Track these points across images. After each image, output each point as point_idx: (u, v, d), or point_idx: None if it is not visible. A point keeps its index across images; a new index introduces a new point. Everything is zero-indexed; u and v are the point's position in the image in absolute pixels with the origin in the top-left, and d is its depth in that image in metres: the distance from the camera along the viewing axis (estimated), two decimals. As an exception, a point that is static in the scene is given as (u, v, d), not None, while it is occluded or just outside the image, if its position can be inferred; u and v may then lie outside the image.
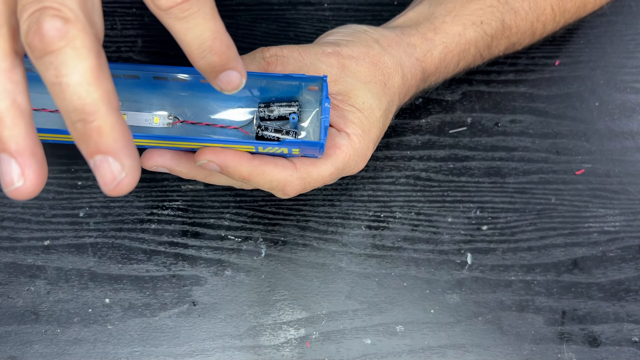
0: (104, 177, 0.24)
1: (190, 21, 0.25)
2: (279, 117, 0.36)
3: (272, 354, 0.40)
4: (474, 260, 0.43)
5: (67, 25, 0.22)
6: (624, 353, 0.41)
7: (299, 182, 0.35)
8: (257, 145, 0.33)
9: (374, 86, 0.38)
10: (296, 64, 0.37)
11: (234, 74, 0.28)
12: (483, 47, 0.44)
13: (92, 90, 0.23)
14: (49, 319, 0.40)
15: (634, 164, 0.47)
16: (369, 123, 0.37)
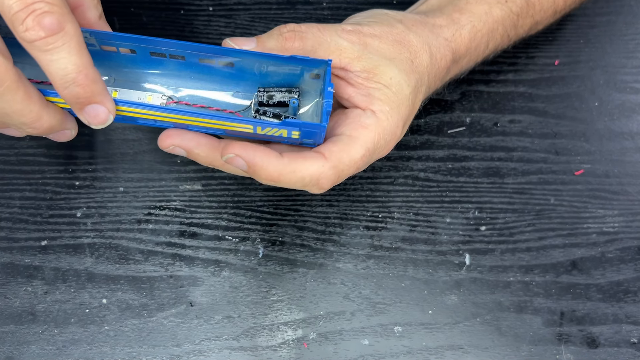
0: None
1: (54, 54, 0.26)
2: (278, 103, 0.35)
3: (269, 354, 0.40)
4: (472, 261, 0.43)
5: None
6: (623, 354, 0.41)
7: (332, 172, 0.33)
8: (256, 125, 0.32)
9: (400, 63, 0.36)
10: (315, 39, 0.35)
11: (101, 108, 0.29)
12: (510, 26, 0.43)
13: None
14: (46, 320, 0.40)
15: (633, 164, 0.47)
16: (398, 100, 0.35)
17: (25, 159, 0.44)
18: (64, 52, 0.26)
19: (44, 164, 0.44)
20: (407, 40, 0.37)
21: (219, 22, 0.51)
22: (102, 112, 0.29)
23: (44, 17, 0.25)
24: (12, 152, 0.45)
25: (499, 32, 0.42)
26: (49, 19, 0.25)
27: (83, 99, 0.28)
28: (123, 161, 0.45)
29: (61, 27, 0.26)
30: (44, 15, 0.25)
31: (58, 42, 0.26)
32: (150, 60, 0.34)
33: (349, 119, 0.35)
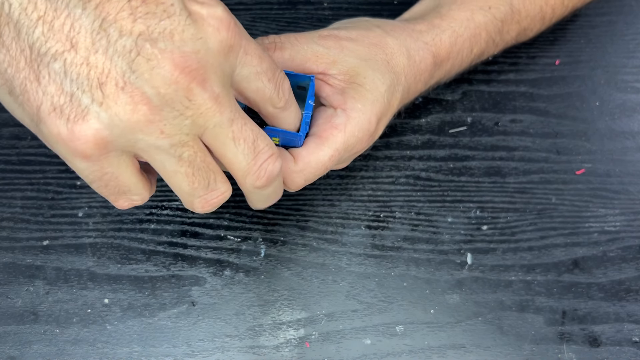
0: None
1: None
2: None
3: (271, 354, 0.40)
4: (474, 260, 0.43)
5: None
6: (625, 353, 0.41)
7: (298, 176, 0.35)
8: None
9: (375, 63, 0.37)
10: (292, 48, 0.36)
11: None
12: (494, 32, 0.43)
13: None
14: (48, 319, 0.40)
15: (634, 163, 0.47)
16: (372, 96, 0.36)
17: (26, 159, 0.44)
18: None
19: (46, 163, 0.44)
20: (384, 42, 0.38)
21: (220, 22, 0.51)
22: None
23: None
24: (14, 152, 0.45)
25: (483, 38, 0.43)
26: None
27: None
28: (125, 161, 0.45)
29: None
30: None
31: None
32: None
33: (321, 119, 0.36)
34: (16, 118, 0.27)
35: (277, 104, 0.30)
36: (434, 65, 0.41)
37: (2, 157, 0.44)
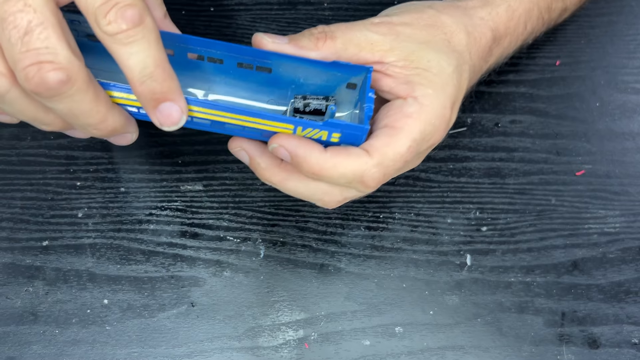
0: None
1: (134, 47, 0.26)
2: (314, 110, 0.34)
3: (270, 355, 0.40)
4: (473, 261, 0.43)
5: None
6: (624, 355, 0.41)
7: (377, 170, 0.32)
8: (297, 124, 0.31)
9: (436, 44, 0.35)
10: (345, 37, 0.34)
11: (174, 107, 0.28)
12: (544, 8, 0.42)
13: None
14: (47, 320, 0.40)
15: (634, 165, 0.47)
16: (441, 80, 0.34)
17: (26, 159, 0.45)
18: (143, 45, 0.26)
19: (45, 164, 0.44)
20: (440, 22, 0.36)
21: (220, 23, 0.51)
22: (176, 112, 0.29)
23: (126, 10, 0.25)
24: (14, 152, 0.45)
25: (535, 14, 0.41)
26: (130, 11, 0.25)
27: (159, 94, 0.28)
28: (124, 161, 0.45)
29: (142, 20, 0.26)
30: (126, 8, 0.25)
31: (138, 35, 0.26)
32: (187, 62, 0.33)
33: (391, 111, 0.34)
34: None
35: (102, 25, 0.25)
36: (494, 41, 0.39)
37: (1, 157, 0.44)
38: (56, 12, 0.26)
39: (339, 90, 0.35)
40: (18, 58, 0.25)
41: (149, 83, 0.27)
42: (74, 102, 0.27)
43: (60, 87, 0.26)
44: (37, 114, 0.28)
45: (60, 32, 0.25)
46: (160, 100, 0.28)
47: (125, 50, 0.26)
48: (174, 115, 0.29)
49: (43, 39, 0.25)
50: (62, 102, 0.27)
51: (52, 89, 0.25)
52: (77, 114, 0.28)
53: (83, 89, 0.27)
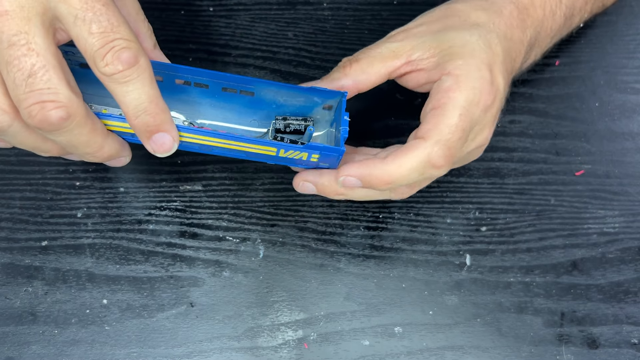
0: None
1: (129, 86, 0.28)
2: (294, 130, 0.37)
3: (269, 355, 0.40)
4: (472, 261, 0.43)
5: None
6: (623, 355, 0.41)
7: (439, 147, 0.33)
8: (280, 147, 0.33)
9: (453, 26, 0.36)
10: (367, 55, 0.37)
11: (166, 137, 0.31)
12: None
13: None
14: (46, 320, 0.40)
15: (634, 165, 0.47)
16: (468, 49, 0.35)
17: (25, 160, 0.44)
18: (138, 84, 0.28)
19: (45, 164, 0.44)
20: (453, 9, 0.37)
21: (220, 23, 0.51)
22: (168, 141, 0.31)
23: (122, 52, 0.27)
24: (13, 152, 0.45)
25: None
26: (126, 54, 0.27)
27: (152, 127, 0.30)
28: (123, 161, 0.45)
29: (137, 61, 0.28)
30: (122, 50, 0.27)
31: (133, 75, 0.28)
32: (174, 87, 0.36)
33: (432, 94, 0.35)
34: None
35: (100, 67, 0.28)
36: (519, 11, 0.38)
37: (0, 157, 0.44)
38: (56, 54, 0.28)
39: (316, 110, 0.38)
40: (22, 98, 0.27)
41: (143, 117, 0.30)
42: (73, 135, 0.29)
43: (61, 123, 0.28)
44: (36, 143, 0.31)
45: (60, 73, 0.27)
46: (153, 132, 0.30)
47: (121, 88, 0.28)
48: (166, 144, 0.31)
49: (45, 81, 0.27)
50: (62, 135, 0.29)
51: (53, 125, 0.27)
52: (76, 145, 0.30)
53: (82, 122, 0.29)
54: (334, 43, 0.51)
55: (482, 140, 0.36)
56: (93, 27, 0.27)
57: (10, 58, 0.26)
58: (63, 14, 0.27)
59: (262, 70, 0.49)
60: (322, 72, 0.49)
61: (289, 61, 0.50)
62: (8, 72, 0.27)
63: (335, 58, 0.50)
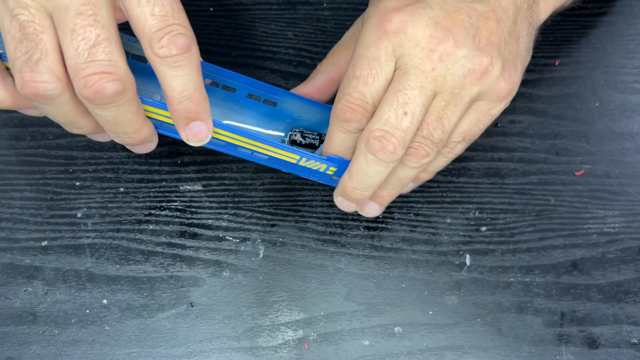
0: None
1: (179, 70, 0.29)
2: (309, 144, 0.39)
3: (269, 355, 0.40)
4: (472, 261, 0.43)
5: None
6: (623, 355, 0.41)
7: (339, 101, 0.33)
8: (303, 156, 0.35)
9: None
10: (332, 51, 0.39)
11: (203, 126, 0.31)
12: None
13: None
14: (46, 320, 0.40)
15: (634, 165, 0.47)
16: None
17: (25, 159, 0.44)
18: (187, 70, 0.29)
19: (45, 164, 0.44)
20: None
21: (219, 23, 0.51)
22: (203, 130, 0.32)
23: (178, 37, 0.28)
24: (13, 152, 0.45)
25: None
26: (182, 39, 0.28)
27: (192, 114, 0.31)
28: (123, 162, 0.45)
29: (189, 48, 0.29)
30: (179, 36, 0.28)
31: (185, 61, 0.29)
32: None
33: None
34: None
35: (156, 48, 0.28)
36: None
37: (1, 157, 0.44)
38: (117, 30, 0.28)
39: None
40: (82, 67, 0.27)
41: (186, 103, 0.30)
42: (121, 112, 0.30)
43: (114, 96, 0.28)
44: (75, 118, 0.31)
45: (120, 48, 0.28)
46: (192, 119, 0.31)
47: (171, 72, 0.29)
48: (201, 133, 0.32)
49: (107, 52, 0.27)
50: (111, 110, 0.29)
51: (107, 97, 0.28)
52: (119, 122, 0.30)
53: (131, 99, 0.30)
54: (334, 43, 0.50)
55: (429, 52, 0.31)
56: (156, 9, 0.27)
57: (76, 27, 0.26)
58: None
59: (262, 70, 0.49)
60: (322, 72, 0.49)
61: (289, 61, 0.50)
62: (72, 39, 0.27)
63: (335, 58, 0.50)
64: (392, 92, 0.31)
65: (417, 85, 0.31)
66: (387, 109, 0.31)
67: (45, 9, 0.27)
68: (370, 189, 0.36)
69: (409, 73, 0.31)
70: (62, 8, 0.26)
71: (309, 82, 0.39)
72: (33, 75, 0.27)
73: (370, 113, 0.32)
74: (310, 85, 0.38)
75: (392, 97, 0.31)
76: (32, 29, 0.27)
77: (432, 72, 0.31)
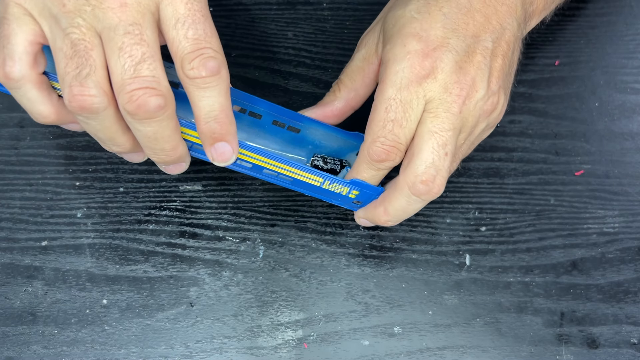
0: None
1: (207, 92, 0.30)
2: (330, 169, 0.40)
3: (269, 355, 0.40)
4: (472, 261, 0.43)
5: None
6: (623, 355, 0.41)
7: (374, 143, 0.34)
8: (326, 179, 0.37)
9: (394, 4, 0.37)
10: (345, 71, 0.40)
11: (228, 147, 0.33)
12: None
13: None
14: (46, 320, 0.40)
15: (633, 165, 0.47)
16: (398, 26, 0.35)
17: (25, 159, 0.44)
18: (215, 92, 0.30)
19: (45, 164, 0.44)
20: (384, 11, 0.39)
21: (219, 23, 0.51)
22: (228, 151, 0.33)
23: (209, 60, 0.29)
24: (13, 152, 0.45)
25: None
26: (212, 62, 0.30)
27: (218, 135, 0.32)
28: (123, 161, 0.45)
29: (219, 71, 0.30)
30: (209, 59, 0.29)
31: (213, 83, 0.30)
32: None
33: None
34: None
35: (186, 69, 0.30)
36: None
37: (1, 157, 0.44)
38: (160, 49, 0.30)
39: (350, 155, 0.41)
40: (128, 82, 0.29)
41: (212, 124, 0.32)
42: (160, 127, 0.31)
43: (156, 110, 0.30)
44: (115, 134, 0.32)
45: (162, 66, 0.30)
46: (217, 140, 0.32)
47: (199, 93, 0.30)
48: (226, 154, 0.33)
49: (152, 69, 0.29)
50: (151, 125, 0.31)
51: (149, 112, 0.29)
52: (159, 138, 0.32)
53: (171, 116, 0.31)
54: (334, 43, 0.51)
55: (458, 97, 0.33)
56: (189, 33, 0.29)
57: (124, 45, 0.28)
58: (168, 15, 0.29)
59: (262, 70, 0.49)
60: (321, 72, 0.49)
61: (289, 61, 0.50)
62: (119, 56, 0.28)
63: (335, 58, 0.50)
64: (429, 134, 0.34)
65: (451, 127, 0.34)
66: (428, 152, 0.34)
67: (95, 28, 0.29)
68: (402, 220, 0.39)
69: (441, 116, 0.34)
70: (111, 28, 0.28)
71: (327, 106, 0.39)
72: (82, 89, 0.29)
73: (402, 152, 0.35)
74: (329, 110, 0.39)
75: (430, 140, 0.34)
76: (82, 46, 0.29)
77: (460, 114, 0.34)
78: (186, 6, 0.30)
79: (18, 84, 0.30)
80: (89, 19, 0.29)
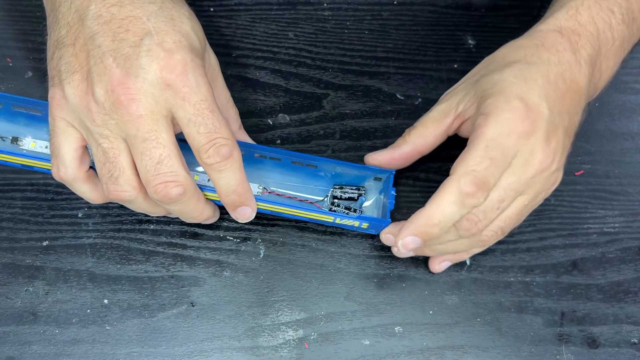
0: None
1: (223, 173, 0.36)
2: (349, 197, 0.43)
3: (270, 354, 0.40)
4: (472, 261, 0.43)
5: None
6: (623, 354, 0.41)
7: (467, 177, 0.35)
8: (337, 216, 0.40)
9: (488, 70, 0.39)
10: (420, 120, 0.42)
11: (248, 210, 0.39)
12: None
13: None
14: (47, 320, 0.40)
15: (633, 165, 0.47)
16: (499, 87, 0.37)
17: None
18: (230, 172, 0.36)
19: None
20: (494, 56, 0.40)
21: (220, 23, 0.51)
22: (248, 212, 0.39)
23: (221, 148, 0.35)
24: (14, 152, 0.45)
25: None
26: (224, 150, 0.35)
27: (238, 203, 0.38)
28: (124, 161, 0.45)
29: (231, 154, 0.35)
30: (221, 147, 0.35)
31: (227, 165, 0.35)
32: (254, 159, 0.43)
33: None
34: None
35: (203, 158, 0.35)
36: (563, 36, 0.39)
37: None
38: (176, 144, 0.35)
39: (368, 181, 0.44)
40: (151, 179, 0.34)
41: (232, 196, 0.37)
42: (185, 205, 0.37)
43: (178, 197, 0.35)
44: (150, 210, 0.38)
45: (179, 159, 0.35)
46: (238, 206, 0.38)
47: (217, 174, 0.36)
48: (246, 214, 0.39)
49: (169, 166, 0.34)
50: (177, 205, 0.36)
51: (172, 199, 0.35)
52: (185, 211, 0.38)
53: (192, 195, 0.37)
54: (334, 43, 0.51)
55: (539, 164, 0.36)
56: (201, 129, 0.34)
57: (144, 150, 0.34)
58: (180, 116, 0.34)
59: (263, 70, 0.49)
60: (322, 72, 0.49)
61: (290, 61, 0.50)
62: (141, 160, 0.34)
63: (336, 58, 0.50)
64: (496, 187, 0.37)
65: (515, 188, 0.36)
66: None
67: (120, 136, 0.34)
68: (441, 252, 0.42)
69: (517, 174, 0.36)
70: (132, 136, 0.34)
71: (395, 148, 0.42)
72: (115, 187, 0.35)
73: (486, 196, 0.36)
74: (397, 152, 0.42)
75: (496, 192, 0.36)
76: (112, 153, 0.35)
77: (531, 179, 0.36)
78: (194, 107, 0.34)
79: (71, 183, 0.37)
80: (114, 130, 0.34)
